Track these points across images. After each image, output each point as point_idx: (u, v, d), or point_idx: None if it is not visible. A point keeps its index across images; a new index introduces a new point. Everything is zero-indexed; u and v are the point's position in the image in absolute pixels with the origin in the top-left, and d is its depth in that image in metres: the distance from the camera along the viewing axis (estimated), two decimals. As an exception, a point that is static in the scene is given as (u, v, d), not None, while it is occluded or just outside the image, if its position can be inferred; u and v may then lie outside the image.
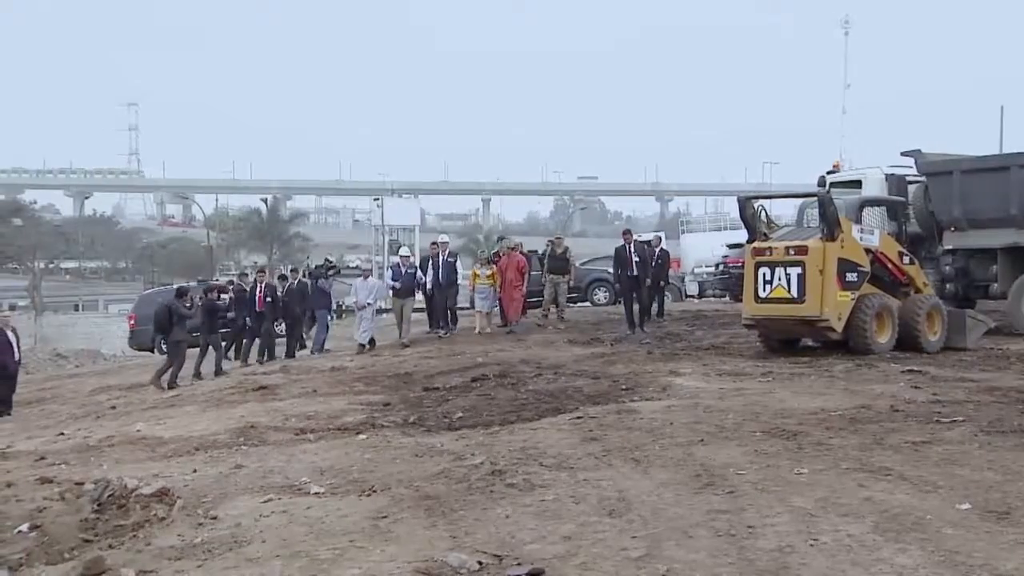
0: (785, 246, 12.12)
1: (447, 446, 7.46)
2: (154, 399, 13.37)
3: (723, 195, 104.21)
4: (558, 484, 5.91)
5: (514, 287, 17.64)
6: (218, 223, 79.78)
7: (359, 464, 6.95)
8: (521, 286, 17.80)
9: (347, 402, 10.50)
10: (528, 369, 12.03)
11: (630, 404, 8.86)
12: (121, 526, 5.63)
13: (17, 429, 11.80)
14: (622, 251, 16.87)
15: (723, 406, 8.42)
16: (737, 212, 13.47)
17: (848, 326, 11.83)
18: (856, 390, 9.13)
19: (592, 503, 5.44)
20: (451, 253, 18.06)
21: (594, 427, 7.74)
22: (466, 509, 5.47)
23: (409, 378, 12.22)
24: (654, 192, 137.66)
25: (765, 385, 9.77)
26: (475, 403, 9.76)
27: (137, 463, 7.69)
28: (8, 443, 9.91)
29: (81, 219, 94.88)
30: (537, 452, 6.88)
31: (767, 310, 12.26)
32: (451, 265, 17.58)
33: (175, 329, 15.72)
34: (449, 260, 17.59)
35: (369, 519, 5.39)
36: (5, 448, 9.38)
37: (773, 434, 7.09)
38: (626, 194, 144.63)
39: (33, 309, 49.27)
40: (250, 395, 11.71)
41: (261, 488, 6.34)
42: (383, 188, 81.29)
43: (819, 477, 5.77)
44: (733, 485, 5.66)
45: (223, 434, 8.79)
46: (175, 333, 15.73)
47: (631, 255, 16.68)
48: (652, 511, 5.22)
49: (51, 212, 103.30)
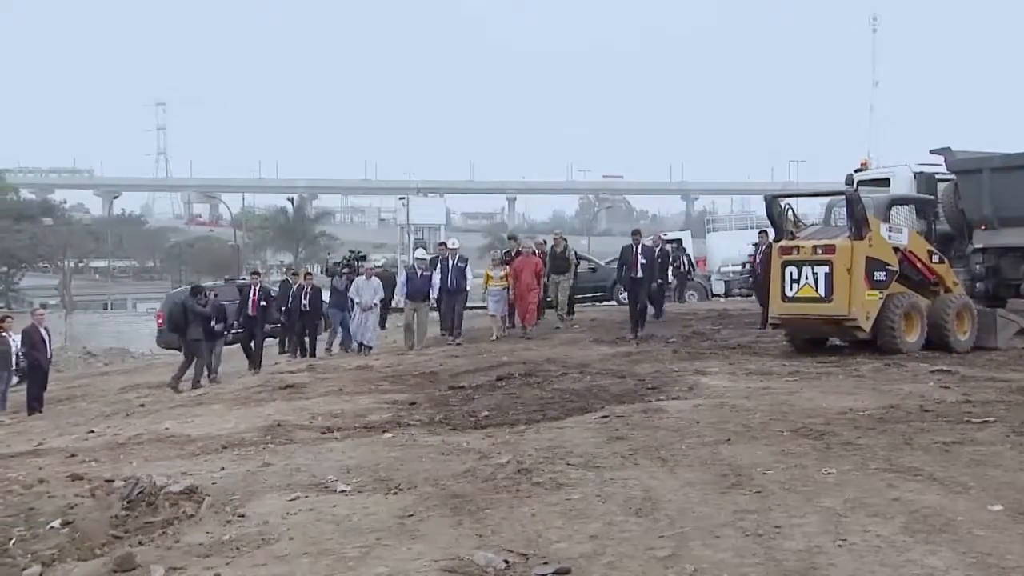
0: (813, 245, 12.05)
1: (473, 445, 7.46)
2: (181, 397, 13.49)
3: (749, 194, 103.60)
4: (584, 483, 5.90)
5: (530, 290, 16.94)
6: (245, 222, 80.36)
7: (385, 462, 6.97)
8: (537, 289, 17.13)
9: (373, 401, 10.53)
10: (554, 368, 12.02)
11: (656, 403, 8.83)
12: (150, 523, 5.67)
13: (49, 426, 11.94)
14: (628, 251, 16.66)
15: (750, 405, 8.38)
16: (764, 211, 13.41)
17: (876, 325, 11.74)
18: (884, 390, 9.05)
19: (618, 502, 5.43)
20: (461, 258, 17.36)
21: (620, 426, 7.72)
22: (492, 508, 5.47)
23: (435, 377, 12.24)
24: (680, 191, 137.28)
25: (792, 384, 9.71)
26: (501, 402, 9.76)
27: (165, 461, 7.74)
28: (40, 440, 10.03)
29: (110, 219, 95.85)
30: (563, 451, 6.87)
31: (794, 309, 12.19)
32: (461, 271, 16.95)
33: (191, 328, 15.70)
34: (459, 265, 16.99)
35: (396, 517, 5.40)
36: (37, 445, 9.49)
37: (801, 434, 7.04)
38: (652, 193, 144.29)
39: (63, 308, 49.87)
40: (277, 394, 11.76)
41: (288, 486, 6.37)
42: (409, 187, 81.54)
43: (847, 477, 5.73)
44: (760, 485, 5.63)
45: (250, 432, 8.83)
46: (191, 331, 15.74)
47: (637, 256, 16.38)
48: (679, 511, 5.20)
49: (81, 211, 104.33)
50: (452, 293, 16.87)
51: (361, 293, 17.04)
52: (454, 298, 16.93)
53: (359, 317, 17.06)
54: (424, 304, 16.82)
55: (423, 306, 16.83)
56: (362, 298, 16.94)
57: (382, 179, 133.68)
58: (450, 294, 16.87)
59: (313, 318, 18.09)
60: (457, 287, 16.86)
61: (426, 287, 16.70)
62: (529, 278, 16.90)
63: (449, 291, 16.81)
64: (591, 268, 25.24)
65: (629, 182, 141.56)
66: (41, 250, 60.44)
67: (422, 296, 16.75)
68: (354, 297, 17.07)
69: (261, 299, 16.97)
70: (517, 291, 17.01)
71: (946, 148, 15.11)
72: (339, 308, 17.86)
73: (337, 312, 17.84)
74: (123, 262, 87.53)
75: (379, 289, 17.16)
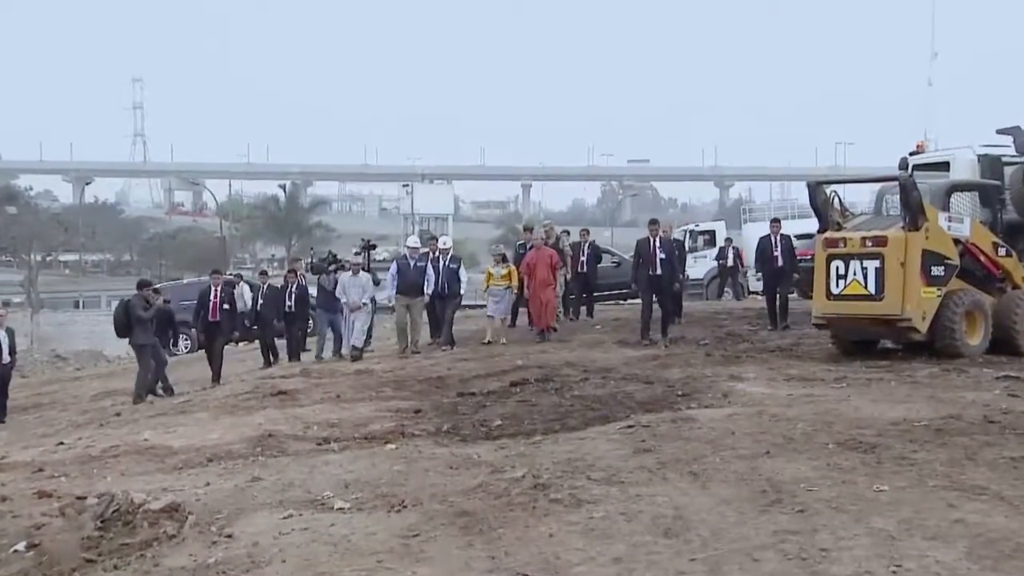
0: (861, 237, 12.02)
1: (484, 457, 7.48)
2: (162, 405, 13.56)
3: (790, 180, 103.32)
4: (608, 500, 5.90)
5: (547, 286, 16.58)
6: (231, 212, 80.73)
7: (388, 477, 6.99)
8: (555, 285, 16.85)
9: (374, 408, 10.57)
10: (573, 372, 12.04)
11: (687, 412, 8.84)
12: (127, 545, 5.70)
13: (12, 437, 12.02)
14: (644, 245, 15.99)
15: (791, 414, 8.36)
16: (807, 199, 13.36)
17: (934, 326, 11.70)
18: (943, 398, 9.02)
19: (645, 521, 5.43)
20: (453, 258, 16.80)
21: (647, 437, 7.73)
22: (506, 527, 5.48)
23: (442, 382, 12.27)
24: (713, 177, 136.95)
25: (839, 391, 9.69)
26: (515, 410, 9.78)
27: (144, 475, 7.78)
28: (2, 453, 10.07)
29: (81, 207, 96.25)
30: (584, 464, 6.88)
31: (840, 308, 12.16)
32: (453, 272, 16.47)
33: (136, 331, 15.25)
34: (451, 267, 16.49)
35: (399, 537, 5.42)
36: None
37: (848, 446, 7.03)
38: (682, 179, 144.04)
39: (29, 306, 49.90)
40: (268, 401, 11.80)
41: (280, 503, 6.40)
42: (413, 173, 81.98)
43: (902, 495, 5.71)
44: (804, 503, 5.62)
45: (239, 443, 8.88)
46: (136, 336, 15.31)
47: (655, 251, 15.74)
48: (712, 531, 5.20)
49: (49, 199, 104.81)
50: (443, 298, 16.56)
51: (348, 292, 16.63)
52: (444, 303, 16.66)
53: (348, 318, 16.73)
54: (419, 299, 16.41)
55: (417, 302, 16.41)
56: (349, 297, 16.57)
57: (384, 164, 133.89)
58: (440, 299, 16.57)
59: (299, 321, 17.96)
60: (448, 291, 16.47)
61: (420, 280, 16.28)
62: (544, 273, 16.57)
63: (440, 295, 16.50)
64: (614, 263, 25.21)
65: (656, 167, 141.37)
66: (3, 242, 60.70)
67: (416, 291, 16.31)
68: (340, 296, 16.75)
69: (224, 302, 16.57)
70: (531, 289, 16.71)
71: (1015, 127, 15.01)
72: (328, 310, 17.38)
73: (325, 314, 17.39)
74: (96, 255, 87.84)
75: (368, 286, 16.74)
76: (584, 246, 19.58)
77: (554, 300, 16.93)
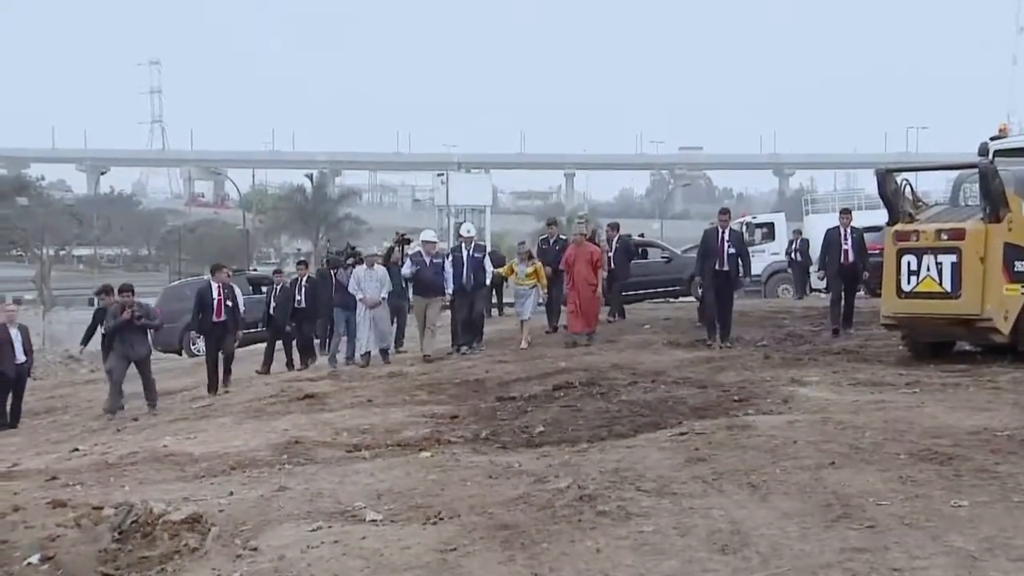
0: (936, 229, 11.88)
1: (526, 466, 7.49)
2: (182, 409, 13.68)
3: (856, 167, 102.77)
4: (659, 513, 5.89)
5: (589, 285, 16.17)
6: (255, 203, 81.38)
7: (423, 487, 7.02)
8: (597, 284, 16.36)
9: (408, 413, 10.62)
10: (621, 376, 12.04)
11: (744, 418, 8.80)
12: (146, 558, 5.75)
13: (24, 444, 12.15)
14: (712, 236, 15.45)
15: (859, 422, 8.30)
16: (875, 188, 13.24)
17: (1017, 327, 11.53)
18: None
19: (700, 536, 5.41)
20: (478, 247, 16.61)
21: (701, 445, 7.70)
22: (549, 541, 5.48)
23: (480, 386, 12.31)
24: (771, 165, 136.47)
25: (911, 397, 9.60)
26: (558, 416, 9.78)
27: (164, 484, 7.85)
28: (14, 460, 10.22)
29: (96, 198, 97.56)
30: (633, 474, 6.87)
31: (912, 307, 12.03)
32: (478, 263, 16.16)
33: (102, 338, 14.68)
34: (476, 256, 16.22)
35: (435, 552, 5.43)
36: (11, 466, 9.67)
37: (923, 457, 6.96)
38: (738, 167, 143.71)
39: (41, 303, 50.41)
40: (294, 405, 11.90)
41: (308, 514, 6.44)
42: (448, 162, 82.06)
43: (983, 511, 5.65)
44: (873, 518, 5.57)
45: (263, 450, 8.95)
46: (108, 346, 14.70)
47: (723, 244, 15.21)
48: (773, 547, 5.17)
49: (61, 190, 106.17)
50: (468, 290, 16.13)
51: (364, 287, 16.12)
52: (470, 296, 16.22)
53: (364, 316, 16.11)
54: (437, 300, 16.16)
55: (435, 302, 16.17)
56: (366, 293, 16.05)
57: (417, 152, 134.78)
58: (465, 292, 16.13)
59: (309, 320, 17.75)
60: (475, 282, 16.14)
61: (439, 278, 15.97)
62: (586, 270, 16.19)
63: (464, 289, 16.08)
64: (664, 258, 25.17)
65: (710, 155, 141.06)
66: (14, 236, 61.17)
67: (434, 290, 16.04)
68: (355, 292, 16.24)
69: (227, 299, 15.81)
70: (572, 287, 16.40)
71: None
72: (344, 308, 16.96)
73: (342, 313, 16.98)
74: (111, 250, 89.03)
75: (385, 280, 16.30)
76: (612, 241, 19.51)
77: (596, 302, 16.58)
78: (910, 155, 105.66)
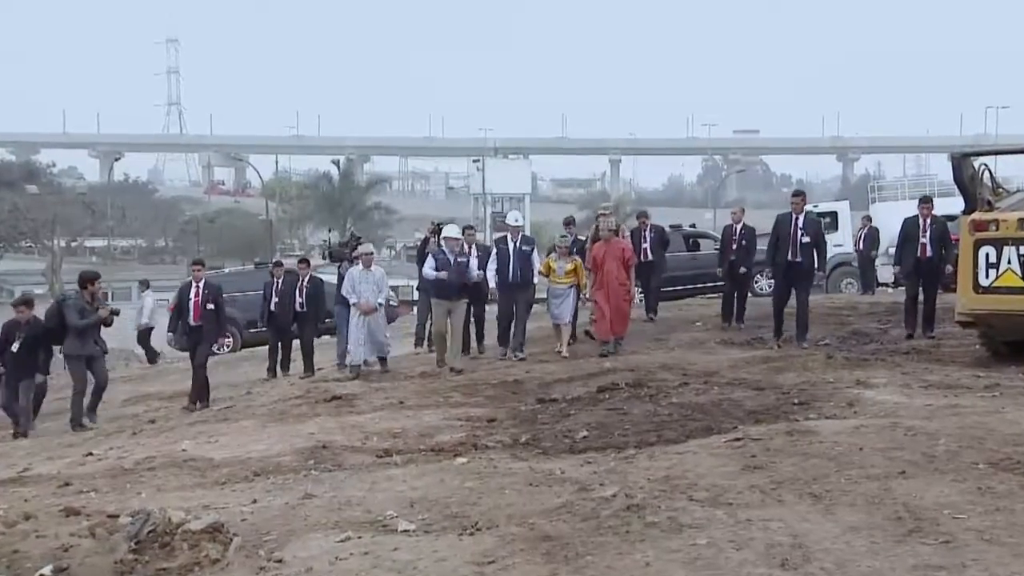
0: (1018, 218, 11.77)
1: (569, 473, 7.49)
2: (202, 413, 13.79)
3: (928, 151, 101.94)
4: (713, 524, 5.87)
5: (622, 286, 15.37)
6: (278, 191, 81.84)
7: (458, 495, 7.04)
8: (628, 285, 15.65)
9: (442, 416, 10.66)
10: (670, 377, 12.02)
11: (805, 423, 8.77)
12: (164, 570, 5.78)
13: (35, 448, 12.29)
14: (785, 223, 15.00)
15: (932, 428, 8.23)
16: (949, 174, 13.12)
17: (1107, 325, 11.43)
18: (1119, 410, 8.81)
19: (758, 550, 5.40)
20: (526, 239, 15.92)
21: (758, 452, 7.67)
22: (595, 553, 5.48)
23: (519, 387, 12.33)
24: (834, 149, 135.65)
25: (990, 402, 9.52)
26: (604, 419, 9.78)
27: (183, 491, 7.92)
28: (25, 465, 10.33)
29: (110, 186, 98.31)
30: (685, 483, 6.86)
31: (991, 303, 11.92)
32: (526, 257, 15.44)
33: (68, 339, 14.27)
34: (524, 249, 15.47)
35: (472, 564, 5.45)
36: (22, 471, 9.78)
37: (1003, 467, 6.89)
38: (797, 152, 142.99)
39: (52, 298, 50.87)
40: (321, 407, 11.96)
41: (336, 524, 6.47)
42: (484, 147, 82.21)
43: (1068, 525, 5.59)
44: (949, 532, 5.53)
45: (288, 455, 9.01)
46: (67, 345, 14.34)
47: (797, 231, 14.80)
48: (838, 563, 5.15)
49: (73, 177, 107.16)
50: (513, 288, 15.44)
51: (359, 290, 15.38)
52: (516, 295, 15.50)
53: (358, 323, 15.26)
54: (461, 302, 15.19)
55: (459, 305, 15.17)
56: (360, 296, 15.29)
57: (450, 137, 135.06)
58: (510, 289, 15.45)
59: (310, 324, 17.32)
60: (521, 279, 15.40)
61: (461, 278, 15.05)
62: (616, 269, 15.37)
63: (509, 285, 15.40)
64: (717, 249, 25.01)
65: (767, 139, 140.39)
66: (23, 226, 61.68)
67: (457, 291, 15.06)
68: (348, 296, 15.52)
69: (207, 301, 15.27)
70: (601, 287, 15.46)
71: None
72: (347, 306, 16.06)
73: (345, 311, 16.15)
74: (126, 241, 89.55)
75: (383, 283, 15.73)
76: (645, 232, 19.05)
77: (627, 305, 15.78)
78: (988, 137, 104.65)
